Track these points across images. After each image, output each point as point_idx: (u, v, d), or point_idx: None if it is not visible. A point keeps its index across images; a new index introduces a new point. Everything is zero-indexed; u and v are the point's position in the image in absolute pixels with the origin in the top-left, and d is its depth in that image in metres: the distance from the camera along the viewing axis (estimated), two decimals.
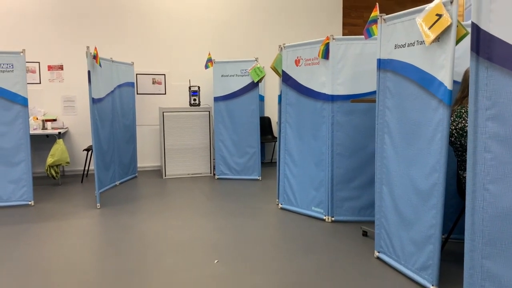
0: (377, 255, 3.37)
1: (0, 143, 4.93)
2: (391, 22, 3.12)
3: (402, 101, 3.03)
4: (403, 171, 3.04)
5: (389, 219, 3.21)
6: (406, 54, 2.97)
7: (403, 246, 3.06)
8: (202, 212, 4.75)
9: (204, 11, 7.38)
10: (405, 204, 3.02)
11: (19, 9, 6.57)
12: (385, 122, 3.23)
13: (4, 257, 3.46)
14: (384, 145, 3.24)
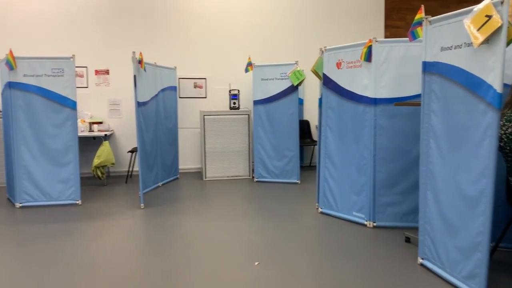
0: (421, 261, 3.29)
1: (51, 144, 5.17)
2: (437, 24, 3.06)
3: (449, 105, 2.96)
4: (449, 177, 2.96)
5: (433, 225, 3.14)
6: (452, 57, 2.90)
7: (448, 253, 2.98)
8: (242, 214, 4.80)
9: (245, 16, 7.46)
10: (451, 210, 2.94)
11: (69, 16, 6.89)
12: (430, 126, 3.16)
13: (55, 254, 3.64)
14: (429, 150, 3.17)
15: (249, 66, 6.46)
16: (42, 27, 6.83)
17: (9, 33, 6.72)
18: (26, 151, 5.12)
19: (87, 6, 6.94)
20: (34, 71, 5.07)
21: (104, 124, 6.95)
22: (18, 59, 5.03)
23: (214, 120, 6.70)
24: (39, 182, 5.17)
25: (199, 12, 7.31)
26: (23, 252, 3.67)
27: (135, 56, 5.18)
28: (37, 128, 5.12)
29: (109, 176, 7.01)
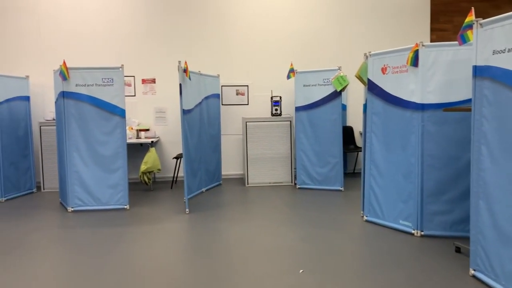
0: (473, 273, 3.16)
1: (101, 151, 5.39)
2: (489, 27, 2.95)
3: (503, 110, 2.84)
4: (504, 185, 2.83)
5: (486, 236, 3.01)
6: (506, 60, 2.79)
7: (503, 264, 2.84)
8: (285, 221, 4.79)
9: (287, 22, 7.49)
10: (507, 220, 2.81)
11: (117, 28, 7.18)
12: (482, 133, 3.04)
13: (104, 257, 3.77)
14: (481, 157, 3.05)
15: (291, 73, 6.47)
16: (93, 39, 7.14)
17: (62, 45, 7.07)
18: (78, 157, 5.36)
19: (134, 19, 7.20)
20: (85, 81, 5.31)
21: (150, 131, 7.16)
22: (71, 69, 5.29)
23: (256, 126, 6.75)
24: (89, 187, 5.39)
25: (241, 20, 7.41)
26: (74, 255, 3.83)
27: (181, 65, 5.32)
28: (88, 136, 5.35)
29: (155, 182, 7.20)
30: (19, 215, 5.23)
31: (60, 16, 7.07)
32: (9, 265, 3.59)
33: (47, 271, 3.48)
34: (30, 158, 6.55)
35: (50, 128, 6.49)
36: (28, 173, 6.52)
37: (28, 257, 3.79)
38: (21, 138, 6.39)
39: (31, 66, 6.99)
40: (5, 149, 6.06)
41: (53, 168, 6.52)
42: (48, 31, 7.07)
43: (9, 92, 6.17)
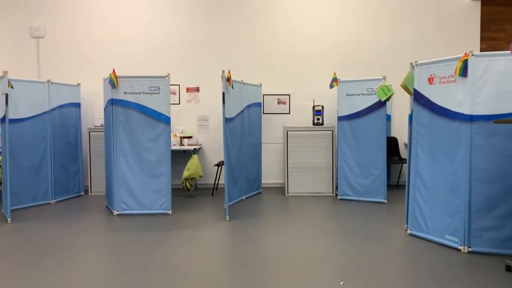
0: None
1: (146, 156, 5.55)
2: None
3: None
4: None
5: None
6: None
7: None
8: (326, 232, 4.73)
9: (330, 31, 7.46)
10: None
11: (163, 38, 7.40)
12: None
13: (147, 260, 3.87)
14: None
15: (334, 82, 6.42)
16: (140, 48, 7.40)
17: (112, 54, 7.37)
18: (124, 162, 5.54)
19: (180, 29, 7.41)
20: (133, 89, 5.50)
21: (193, 139, 7.29)
22: (120, 78, 5.49)
23: (297, 135, 6.73)
24: (134, 192, 5.55)
25: (284, 30, 7.45)
26: (118, 257, 3.95)
27: (224, 74, 5.41)
28: (134, 142, 5.53)
29: (197, 188, 7.32)
30: (68, 217, 5.46)
31: (111, 26, 7.38)
32: (57, 265, 3.75)
33: (92, 272, 3.61)
34: (79, 162, 6.85)
35: (99, 134, 6.76)
36: (77, 176, 6.80)
37: (74, 258, 3.95)
38: (71, 143, 6.69)
39: (82, 74, 7.32)
40: (56, 153, 6.36)
41: (100, 173, 6.77)
42: (99, 40, 7.39)
43: (61, 99, 6.49)
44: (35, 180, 6.08)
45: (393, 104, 7.40)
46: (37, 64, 7.41)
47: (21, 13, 7.33)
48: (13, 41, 7.35)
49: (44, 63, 7.40)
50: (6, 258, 3.93)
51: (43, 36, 7.38)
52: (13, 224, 5.10)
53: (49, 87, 6.26)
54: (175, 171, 7.19)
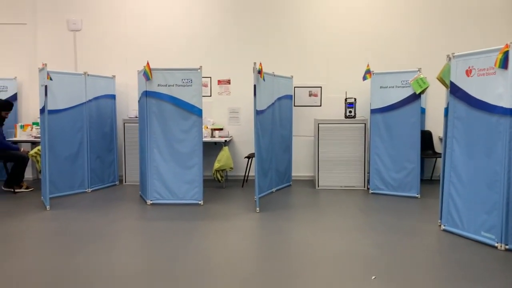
0: None
1: (179, 148, 5.64)
2: None
3: None
4: None
5: None
6: None
7: None
8: (357, 226, 4.69)
9: (363, 22, 7.33)
10: None
11: (195, 31, 7.46)
12: None
13: (179, 249, 3.95)
14: None
15: (367, 74, 6.31)
16: (173, 41, 7.50)
17: (146, 47, 7.50)
18: (158, 153, 5.65)
19: (212, 22, 7.45)
20: (166, 81, 5.59)
21: (224, 131, 7.35)
22: (154, 70, 5.59)
23: (329, 128, 6.68)
24: (167, 182, 5.66)
25: (316, 21, 7.37)
26: (152, 245, 4.05)
27: (256, 66, 5.41)
28: (167, 133, 5.63)
29: (227, 180, 7.39)
30: (103, 206, 5.63)
31: (145, 19, 7.50)
32: (94, 253, 3.88)
33: (127, 260, 3.72)
34: (115, 152, 7.03)
35: (133, 125, 6.92)
36: (112, 166, 7.00)
37: (110, 245, 4.08)
38: (107, 134, 6.87)
39: (118, 66, 7.48)
40: (93, 144, 6.55)
41: (134, 163, 6.93)
42: (134, 33, 7.53)
43: (97, 91, 6.67)
44: (72, 169, 6.29)
45: (428, 96, 7.22)
46: (74, 57, 7.63)
47: (59, 7, 7.54)
48: (52, 34, 7.58)
49: (80, 56, 7.61)
50: (47, 245, 4.10)
51: (80, 29, 7.58)
52: (52, 212, 5.30)
53: (86, 79, 6.44)
54: (206, 162, 7.26)
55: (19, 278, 3.28)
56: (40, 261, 3.64)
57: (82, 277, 3.31)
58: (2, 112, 6.37)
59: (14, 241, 4.19)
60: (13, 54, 7.45)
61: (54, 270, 3.44)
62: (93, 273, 3.38)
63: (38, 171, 6.88)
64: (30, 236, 4.36)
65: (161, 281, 3.23)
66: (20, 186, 6.50)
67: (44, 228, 4.65)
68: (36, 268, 3.49)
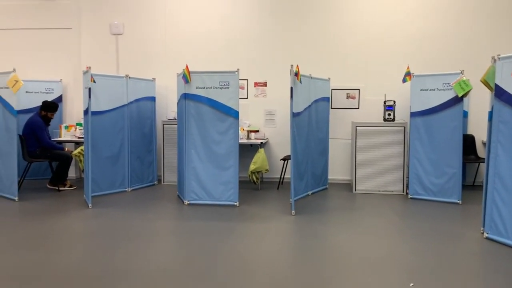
0: None
1: (216, 149, 5.71)
2: None
3: None
4: None
5: None
6: None
7: None
8: (395, 232, 4.60)
9: (403, 23, 7.17)
10: None
11: (233, 35, 7.54)
12: None
13: (216, 249, 4.00)
14: None
15: (407, 76, 6.17)
16: (211, 44, 7.60)
17: (185, 50, 7.64)
18: (195, 154, 5.75)
19: (249, 24, 7.50)
20: (204, 83, 5.68)
21: (260, 133, 7.38)
22: (193, 73, 5.69)
23: (367, 131, 6.58)
24: (204, 183, 5.75)
25: (354, 22, 7.28)
26: (189, 245, 4.13)
27: (293, 69, 5.41)
28: (205, 135, 5.71)
29: (263, 182, 7.41)
30: (142, 205, 5.78)
31: (184, 23, 7.65)
32: (133, 250, 3.99)
33: (164, 257, 3.81)
34: (154, 153, 7.21)
35: (172, 127, 7.07)
36: (151, 167, 7.17)
37: (148, 243, 4.18)
38: (147, 135, 7.06)
39: (157, 69, 7.67)
40: (133, 144, 6.74)
41: (172, 163, 7.08)
42: (173, 37, 7.69)
43: (138, 93, 6.86)
44: (113, 169, 6.49)
45: (470, 100, 6.98)
46: (116, 60, 7.87)
47: (102, 12, 7.81)
48: (95, 38, 7.86)
49: (122, 59, 7.85)
50: (89, 241, 4.26)
51: (121, 33, 7.82)
52: (94, 210, 5.49)
53: (127, 82, 6.63)
54: (242, 164, 7.31)
55: (64, 272, 3.42)
56: (82, 256, 3.78)
57: (121, 272, 3.41)
58: (48, 113, 6.66)
59: (58, 237, 4.37)
60: (58, 57, 7.78)
61: (96, 265, 3.57)
62: (132, 269, 3.48)
63: (81, 170, 7.16)
64: (73, 233, 4.54)
65: (197, 280, 3.29)
66: (64, 184, 6.77)
67: (86, 225, 4.83)
68: (79, 263, 3.62)
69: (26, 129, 6.53)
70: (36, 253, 3.86)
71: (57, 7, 7.72)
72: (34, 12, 7.73)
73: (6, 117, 5.97)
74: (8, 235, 4.42)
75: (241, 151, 7.22)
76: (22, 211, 5.41)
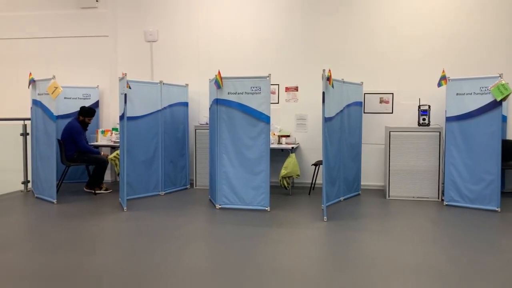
0: None
1: (247, 154, 5.74)
2: None
3: None
4: None
5: None
6: None
7: None
8: (430, 239, 4.48)
9: (438, 26, 7.02)
10: None
11: (264, 41, 7.58)
12: None
13: (247, 254, 4.01)
14: None
15: (442, 80, 6.02)
16: (243, 49, 7.66)
17: (216, 56, 7.74)
18: (227, 159, 5.80)
19: (280, 30, 7.52)
20: (236, 89, 5.73)
21: (291, 138, 7.36)
22: (225, 79, 5.75)
23: (401, 136, 6.46)
24: (235, 188, 5.79)
25: (386, 24, 7.18)
26: (220, 248, 4.16)
27: (325, 73, 5.38)
28: (236, 140, 5.76)
29: (294, 187, 7.39)
30: (175, 208, 5.87)
31: (216, 29, 7.75)
32: (167, 252, 4.06)
33: (196, 260, 3.85)
34: (186, 157, 7.32)
35: (204, 131, 7.16)
36: (184, 171, 7.28)
37: (181, 246, 4.24)
38: (180, 139, 7.17)
39: (190, 75, 7.79)
40: (167, 149, 6.87)
41: (204, 168, 7.16)
42: (205, 43, 7.81)
43: (172, 98, 6.99)
44: (147, 172, 6.63)
45: (509, 104, 6.74)
46: (150, 66, 8.06)
47: (137, 19, 8.02)
48: (130, 45, 8.07)
49: (156, 65, 8.02)
50: (124, 243, 4.36)
51: (156, 40, 8.00)
52: (129, 213, 5.62)
53: (161, 88, 6.77)
54: (273, 169, 7.31)
55: (100, 273, 3.51)
56: (118, 258, 3.88)
57: (155, 274, 3.47)
58: (86, 118, 6.88)
59: (95, 239, 4.50)
60: (95, 64, 8.03)
61: (130, 266, 3.65)
62: (165, 271, 3.54)
63: (117, 174, 7.34)
64: (109, 235, 4.66)
65: (229, 284, 3.30)
66: (100, 187, 6.97)
67: (122, 227, 4.95)
68: (114, 264, 3.72)
69: (65, 134, 6.76)
70: (72, 255, 3.98)
71: (95, 16, 7.98)
72: (72, 21, 8.02)
73: (46, 122, 6.21)
74: (48, 236, 4.59)
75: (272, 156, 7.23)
76: (60, 213, 5.60)
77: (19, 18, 8.16)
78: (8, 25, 8.21)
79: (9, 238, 4.52)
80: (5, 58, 8.29)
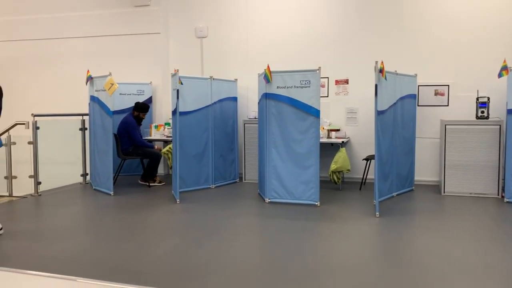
0: None
1: (296, 148, 5.72)
2: None
3: None
4: None
5: None
6: None
7: None
8: (491, 237, 4.27)
9: (498, 15, 6.62)
10: None
11: (314, 34, 7.49)
12: None
13: (297, 248, 4.00)
14: None
15: (503, 70, 5.69)
16: (292, 43, 7.61)
17: (265, 49, 7.74)
18: (276, 153, 5.80)
19: (330, 22, 7.40)
20: (285, 83, 5.70)
21: (341, 132, 7.24)
22: (274, 73, 5.74)
23: (457, 130, 6.18)
24: (285, 182, 5.78)
25: (441, 13, 6.87)
26: (269, 242, 4.17)
27: (377, 65, 5.24)
28: (285, 134, 5.74)
29: (344, 182, 7.27)
30: (225, 201, 5.96)
31: (265, 24, 7.75)
32: (217, 244, 4.13)
33: (245, 253, 3.89)
34: (235, 151, 7.40)
35: (253, 126, 7.20)
36: (233, 165, 7.37)
37: (231, 239, 4.30)
38: (229, 134, 7.26)
39: (239, 70, 7.85)
40: (217, 143, 6.98)
41: (253, 162, 7.21)
42: (254, 38, 7.83)
43: (221, 93, 7.08)
44: (199, 166, 6.77)
45: None
46: (200, 62, 8.19)
47: (188, 16, 8.17)
48: (182, 41, 8.24)
49: (206, 61, 8.15)
50: (177, 235, 4.49)
51: (206, 36, 8.12)
52: (181, 205, 5.77)
53: (211, 83, 6.88)
54: (323, 163, 7.21)
55: (153, 263, 3.64)
56: (171, 249, 4.00)
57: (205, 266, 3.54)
58: (140, 114, 7.11)
59: (149, 230, 4.66)
60: (148, 61, 8.27)
61: (182, 257, 3.75)
62: (216, 263, 3.61)
63: (170, 167, 7.56)
64: (163, 226, 4.81)
65: (278, 278, 3.31)
66: (154, 180, 7.20)
67: (175, 219, 5.09)
68: (167, 254, 3.83)
69: (121, 129, 7.04)
70: (128, 244, 4.14)
71: (147, 14, 8.22)
72: (126, 19, 8.30)
73: (103, 118, 6.49)
74: (106, 226, 4.81)
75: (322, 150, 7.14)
76: (117, 205, 5.84)
77: (76, 18, 8.55)
78: (66, 25, 8.63)
79: (71, 227, 4.78)
80: (63, 57, 8.73)
